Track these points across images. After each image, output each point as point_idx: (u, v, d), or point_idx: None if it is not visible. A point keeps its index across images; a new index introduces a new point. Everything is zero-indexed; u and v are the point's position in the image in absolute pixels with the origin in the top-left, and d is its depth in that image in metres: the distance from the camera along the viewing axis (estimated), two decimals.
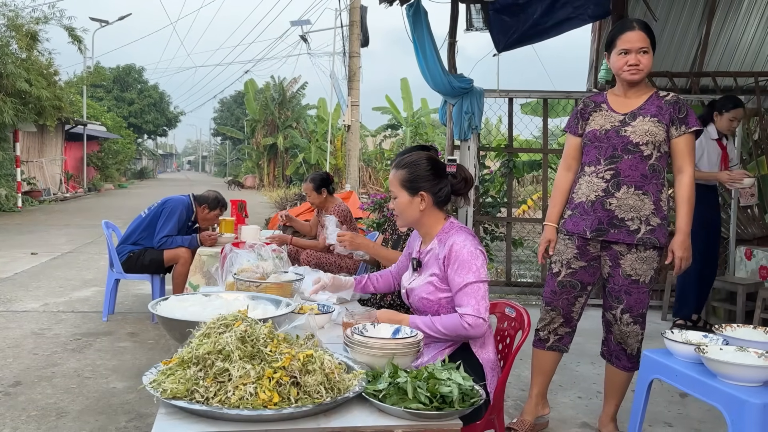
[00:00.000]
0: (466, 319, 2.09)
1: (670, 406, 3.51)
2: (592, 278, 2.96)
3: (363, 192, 16.35)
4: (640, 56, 2.75)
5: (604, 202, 2.80)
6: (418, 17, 5.53)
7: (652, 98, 2.83)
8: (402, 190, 2.29)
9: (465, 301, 2.11)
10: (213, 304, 2.08)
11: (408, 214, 2.30)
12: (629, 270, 2.81)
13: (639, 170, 2.76)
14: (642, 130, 2.75)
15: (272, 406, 1.40)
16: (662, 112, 2.77)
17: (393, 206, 2.34)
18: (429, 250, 2.30)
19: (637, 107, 2.82)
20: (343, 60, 15.29)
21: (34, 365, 3.99)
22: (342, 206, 4.91)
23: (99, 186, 26.16)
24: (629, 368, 2.96)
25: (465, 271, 2.13)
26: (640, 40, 2.74)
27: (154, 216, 5.00)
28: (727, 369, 1.94)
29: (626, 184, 2.77)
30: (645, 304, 2.87)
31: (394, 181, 2.31)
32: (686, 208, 2.78)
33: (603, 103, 2.91)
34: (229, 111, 52.37)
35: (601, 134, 2.83)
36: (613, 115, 2.84)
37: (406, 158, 2.33)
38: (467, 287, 2.12)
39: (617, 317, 2.88)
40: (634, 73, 2.77)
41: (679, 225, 2.79)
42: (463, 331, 2.10)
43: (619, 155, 2.78)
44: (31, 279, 6.83)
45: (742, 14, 7.11)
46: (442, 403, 1.51)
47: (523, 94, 6.35)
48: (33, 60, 15.09)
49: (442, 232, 2.28)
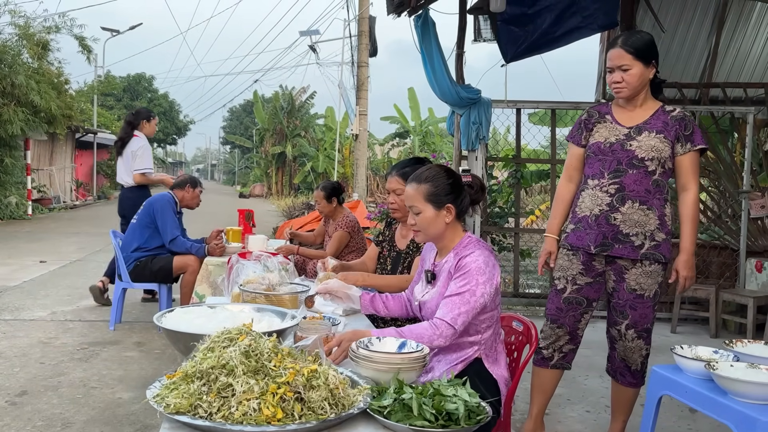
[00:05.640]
0: (436, 323, 2.03)
1: (680, 422, 3.46)
2: (597, 294, 2.93)
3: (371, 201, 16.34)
4: (622, 74, 2.70)
5: (608, 216, 2.76)
6: (426, 28, 5.54)
7: (658, 113, 2.78)
8: (427, 205, 2.22)
9: (447, 308, 2.06)
10: (218, 317, 2.07)
11: (433, 228, 2.24)
12: (634, 284, 2.78)
13: (643, 185, 2.73)
14: (648, 146, 2.72)
15: (276, 422, 1.39)
16: (668, 128, 2.73)
17: (413, 222, 2.26)
18: (443, 263, 2.26)
19: (642, 121, 2.77)
20: (351, 69, 15.34)
21: (40, 374, 3.99)
22: (350, 216, 4.90)
23: (108, 194, 26.28)
24: (634, 384, 2.92)
25: (464, 281, 2.09)
26: (618, 58, 2.71)
27: (142, 219, 5.03)
28: (738, 386, 1.91)
29: (631, 199, 2.73)
30: (650, 319, 2.83)
31: (416, 195, 2.23)
32: (690, 227, 2.75)
33: (608, 114, 2.87)
34: (238, 120, 52.60)
35: (605, 147, 2.79)
36: (618, 128, 2.80)
37: (425, 172, 2.26)
38: (457, 296, 2.07)
39: (622, 333, 2.85)
40: (618, 90, 2.75)
41: (684, 244, 2.76)
42: (430, 341, 1.99)
43: (624, 169, 2.74)
44: (39, 287, 6.86)
45: (752, 25, 7.08)
46: (447, 421, 1.49)
47: (530, 104, 6.34)
48: (44, 69, 15.22)
49: (459, 246, 2.24)
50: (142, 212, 5.05)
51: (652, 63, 2.74)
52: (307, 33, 18.10)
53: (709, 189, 6.79)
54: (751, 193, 5.80)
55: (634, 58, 2.69)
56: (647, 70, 2.73)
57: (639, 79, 2.72)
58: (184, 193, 5.24)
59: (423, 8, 5.51)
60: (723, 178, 6.32)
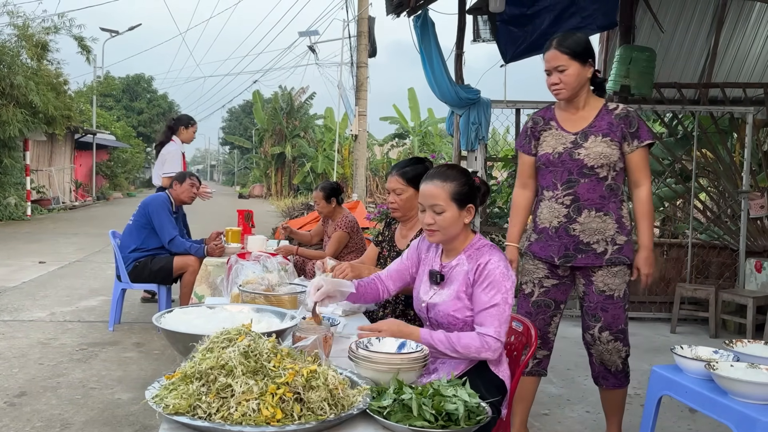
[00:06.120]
0: (486, 340, 2.02)
1: (680, 422, 3.46)
2: (565, 296, 2.95)
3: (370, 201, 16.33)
4: (560, 75, 2.69)
5: (567, 228, 2.78)
6: (425, 28, 5.54)
7: (601, 113, 2.75)
8: (452, 204, 2.14)
9: (489, 321, 2.05)
10: (217, 317, 2.06)
11: (453, 228, 2.16)
12: (602, 286, 2.80)
13: (597, 192, 2.73)
14: (596, 153, 2.70)
15: (275, 423, 1.38)
16: (613, 128, 2.71)
17: (431, 221, 2.15)
18: (455, 265, 2.19)
19: (587, 125, 2.75)
20: (350, 70, 15.35)
21: (39, 375, 3.98)
22: (349, 217, 4.90)
23: (108, 194, 26.29)
24: (619, 385, 2.92)
25: (494, 291, 2.07)
26: (554, 59, 2.69)
27: (138, 220, 5.03)
28: (739, 386, 1.91)
29: (587, 208, 2.74)
30: (623, 319, 2.85)
31: (441, 194, 2.14)
32: (646, 223, 2.75)
33: (552, 120, 2.84)
34: (237, 120, 52.59)
35: (554, 158, 2.78)
36: (564, 135, 2.78)
37: (449, 171, 2.19)
38: (493, 308, 2.05)
39: (596, 336, 2.86)
40: (557, 92, 2.73)
41: (642, 241, 2.76)
42: (478, 353, 2.02)
43: (576, 179, 2.74)
44: (38, 288, 6.85)
45: (751, 25, 7.08)
46: (447, 421, 1.49)
47: (530, 104, 6.32)
48: (43, 70, 15.21)
49: (471, 248, 2.19)
50: (138, 213, 5.06)
51: (589, 62, 2.71)
52: (307, 33, 18.10)
53: (708, 189, 6.79)
54: (751, 193, 5.80)
55: (569, 59, 2.67)
56: (584, 69, 2.70)
57: (576, 79, 2.69)
58: (173, 190, 5.23)
59: (422, 8, 5.51)
60: (722, 179, 6.32)
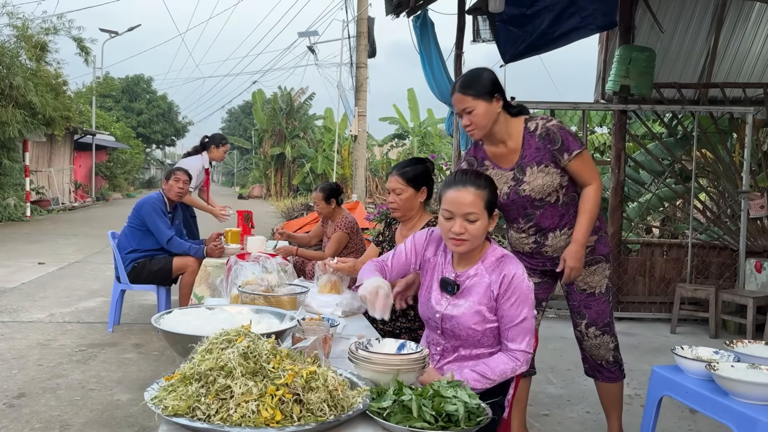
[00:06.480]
0: (516, 356, 2.00)
1: (681, 422, 3.46)
2: (546, 294, 2.99)
3: (369, 202, 16.33)
4: (469, 116, 2.62)
5: (539, 251, 2.83)
6: (424, 29, 5.54)
7: (526, 139, 2.70)
8: (485, 212, 2.04)
9: (520, 337, 2.01)
10: (217, 318, 2.06)
11: (482, 238, 2.07)
12: (583, 285, 2.86)
13: (555, 215, 2.76)
14: (538, 186, 2.69)
15: (275, 424, 1.38)
16: (541, 152, 2.67)
17: (462, 231, 2.02)
18: (473, 275, 2.09)
19: (518, 158, 2.71)
20: (350, 70, 15.34)
21: (38, 377, 3.98)
22: (349, 217, 4.89)
23: (107, 195, 26.28)
24: (614, 378, 2.97)
25: (523, 305, 2.01)
26: (460, 102, 2.62)
27: (133, 222, 5.02)
28: (739, 387, 1.91)
29: (551, 232, 2.78)
30: (607, 314, 2.90)
31: (477, 202, 2.02)
32: (585, 219, 2.72)
33: (485, 159, 2.81)
34: (236, 121, 52.57)
35: (505, 200, 2.76)
36: (502, 173, 2.75)
37: (479, 179, 2.08)
38: (524, 322, 2.02)
39: (584, 332, 2.93)
40: (471, 133, 2.69)
41: (576, 235, 2.73)
42: (514, 372, 1.99)
43: (532, 212, 2.76)
44: (37, 289, 6.84)
45: (751, 25, 7.08)
46: (447, 422, 1.49)
47: (530, 105, 6.32)
48: (42, 71, 15.20)
49: (489, 257, 2.10)
50: (132, 215, 5.04)
51: (496, 96, 2.62)
52: (306, 34, 18.10)
53: (708, 189, 6.79)
54: (751, 193, 5.80)
55: (474, 99, 2.60)
56: (492, 106, 2.61)
57: (486, 118, 2.62)
58: (168, 186, 5.17)
59: (422, 9, 5.52)
60: (722, 179, 6.32)
